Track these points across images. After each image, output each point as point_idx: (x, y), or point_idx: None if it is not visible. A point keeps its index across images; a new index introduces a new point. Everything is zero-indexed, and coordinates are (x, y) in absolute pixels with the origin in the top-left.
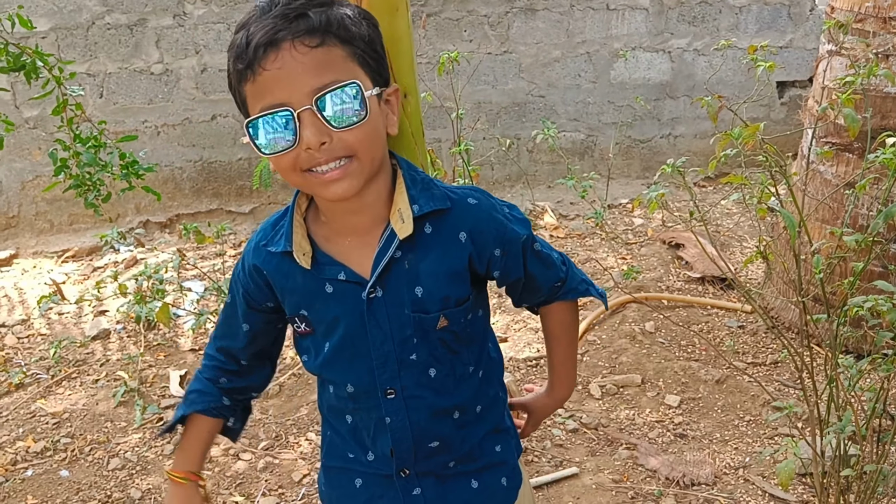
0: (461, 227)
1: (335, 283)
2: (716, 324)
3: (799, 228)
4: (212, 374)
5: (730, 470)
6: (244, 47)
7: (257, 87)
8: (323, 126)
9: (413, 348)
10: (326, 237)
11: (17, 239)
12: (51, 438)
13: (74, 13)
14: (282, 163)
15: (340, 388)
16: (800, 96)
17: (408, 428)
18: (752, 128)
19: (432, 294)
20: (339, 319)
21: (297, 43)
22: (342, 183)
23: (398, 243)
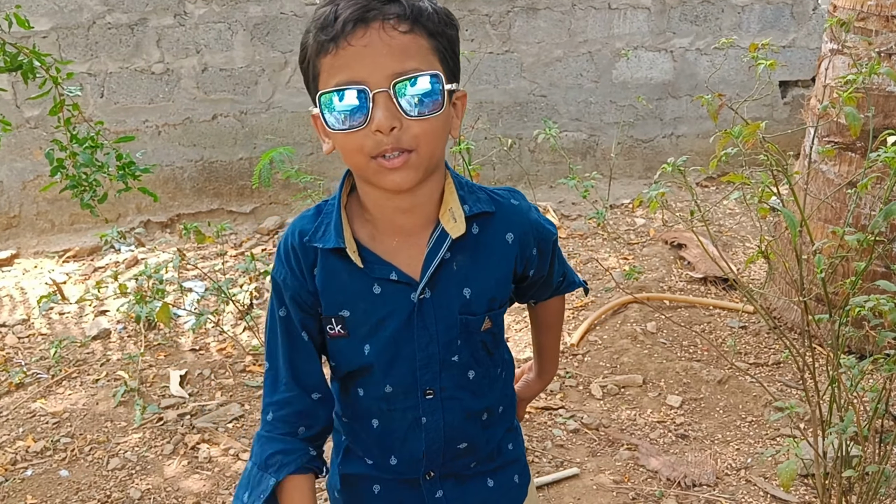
0: (507, 228)
1: (384, 283)
2: (718, 324)
3: (800, 228)
4: (286, 427)
5: (731, 471)
6: (332, 20)
7: (338, 60)
8: (396, 111)
9: (456, 350)
10: (371, 236)
11: (18, 239)
12: (51, 438)
13: (75, 12)
14: (348, 142)
15: (376, 390)
16: (803, 96)
17: (441, 429)
18: (752, 126)
19: (480, 296)
20: (386, 321)
21: (387, 25)
22: (401, 172)
23: (450, 243)
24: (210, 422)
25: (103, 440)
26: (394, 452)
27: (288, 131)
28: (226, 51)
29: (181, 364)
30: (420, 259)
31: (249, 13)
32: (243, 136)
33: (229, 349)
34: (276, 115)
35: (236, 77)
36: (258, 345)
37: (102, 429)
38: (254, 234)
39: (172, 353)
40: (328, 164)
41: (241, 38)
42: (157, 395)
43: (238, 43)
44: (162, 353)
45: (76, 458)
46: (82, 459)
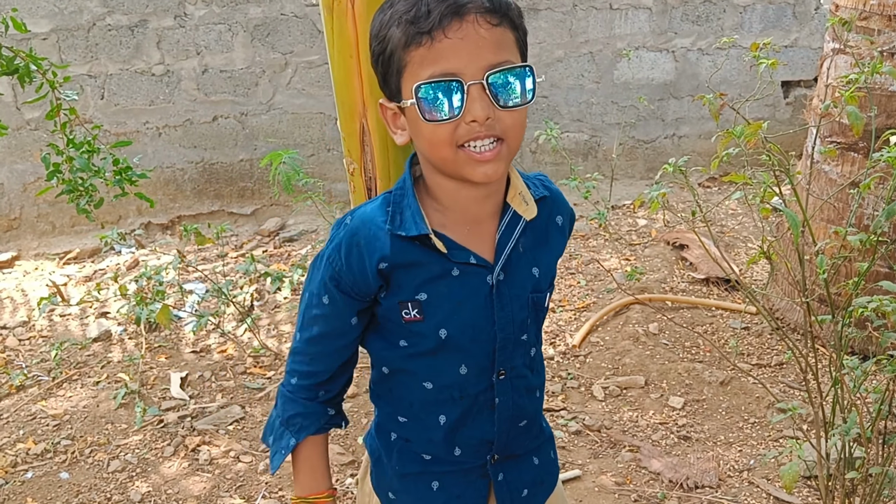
0: (558, 211)
1: (463, 267)
2: (720, 325)
3: (803, 228)
4: (308, 393)
5: (734, 472)
6: (425, 13)
7: (432, 53)
8: (490, 102)
9: (526, 328)
10: (443, 224)
11: (18, 241)
12: (51, 440)
13: (75, 14)
14: (438, 133)
15: (448, 377)
16: (805, 96)
17: (510, 408)
18: (754, 126)
19: (546, 274)
20: (464, 304)
21: (480, 18)
22: (492, 164)
23: (524, 225)
24: (211, 424)
25: (104, 442)
26: (459, 443)
27: (288, 133)
28: (226, 52)
29: (182, 366)
30: (490, 243)
31: (250, 14)
32: (244, 138)
33: (230, 351)
34: (277, 117)
35: (237, 78)
36: (258, 346)
37: (103, 431)
38: (254, 235)
39: (173, 355)
40: (329, 165)
41: (242, 39)
42: (157, 397)
43: (238, 44)
44: (163, 355)
45: (76, 461)
46: (83, 462)
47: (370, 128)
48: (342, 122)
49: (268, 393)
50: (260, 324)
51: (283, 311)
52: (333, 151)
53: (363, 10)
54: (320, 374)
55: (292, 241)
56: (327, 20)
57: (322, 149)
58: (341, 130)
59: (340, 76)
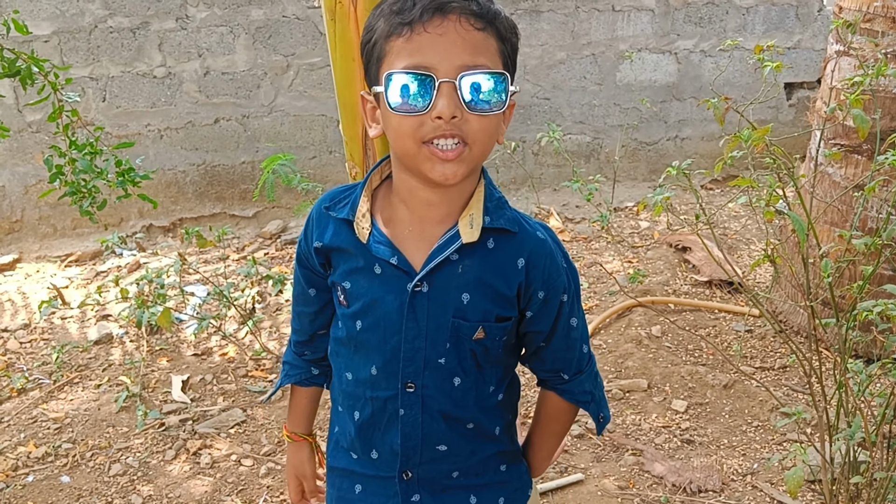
0: (521, 253)
1: (385, 265)
2: (723, 328)
3: (808, 231)
4: (296, 347)
5: (737, 476)
6: (410, 5)
7: (410, 45)
8: (459, 102)
9: (444, 352)
10: (388, 219)
11: (20, 243)
12: (52, 444)
13: (77, 16)
14: (404, 125)
15: (363, 372)
16: (808, 98)
17: (419, 425)
18: (761, 130)
19: (477, 304)
20: (378, 303)
21: (463, 19)
22: (452, 165)
23: (459, 246)
24: (212, 427)
25: (105, 446)
26: (374, 445)
27: (290, 135)
28: (228, 54)
29: (183, 369)
30: (426, 251)
31: (251, 17)
32: (245, 140)
33: (231, 354)
34: (279, 119)
35: (238, 81)
36: (260, 349)
37: (104, 434)
38: (256, 237)
39: (175, 358)
40: (331, 167)
41: (243, 41)
42: (159, 400)
43: (240, 46)
44: (164, 358)
45: (77, 464)
46: (84, 465)
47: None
48: (344, 126)
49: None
50: (261, 326)
51: (284, 313)
52: (335, 154)
53: (365, 14)
54: (300, 332)
55: (294, 243)
56: (329, 24)
57: (324, 151)
58: (343, 134)
59: (343, 79)
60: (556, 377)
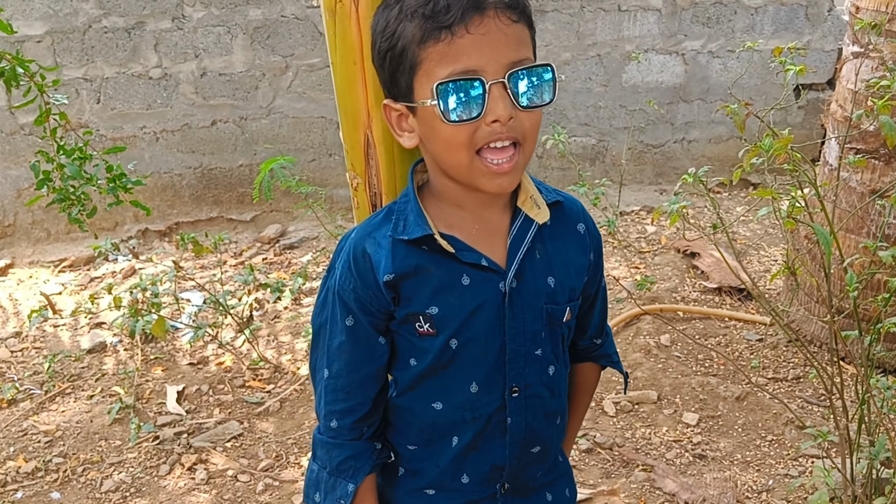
0: (577, 219)
1: (472, 272)
2: (734, 336)
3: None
4: (353, 434)
5: (752, 494)
6: (444, 7)
7: (452, 49)
8: (511, 101)
9: (540, 342)
10: (450, 225)
11: (12, 248)
12: (42, 458)
13: (70, 16)
14: (459, 135)
15: (459, 395)
16: (818, 99)
17: (523, 431)
18: (783, 140)
19: (563, 284)
20: (477, 313)
21: (501, 13)
22: (508, 177)
23: (536, 229)
24: (208, 441)
25: (97, 460)
26: (467, 470)
27: (289, 137)
28: (225, 55)
29: (178, 379)
30: (502, 248)
31: (249, 17)
32: (243, 143)
33: (228, 363)
34: (277, 121)
35: (236, 82)
36: (257, 358)
37: (96, 448)
38: (254, 242)
39: (170, 367)
40: (330, 170)
41: (241, 42)
42: (153, 411)
43: (238, 47)
44: (159, 367)
45: (68, 480)
46: (75, 481)
47: (375, 140)
48: (345, 134)
49: (267, 408)
50: (259, 334)
51: (282, 321)
52: (335, 156)
53: (368, 13)
54: (360, 407)
55: (293, 248)
56: (329, 24)
57: (323, 154)
58: (344, 142)
59: (343, 83)
60: (592, 345)
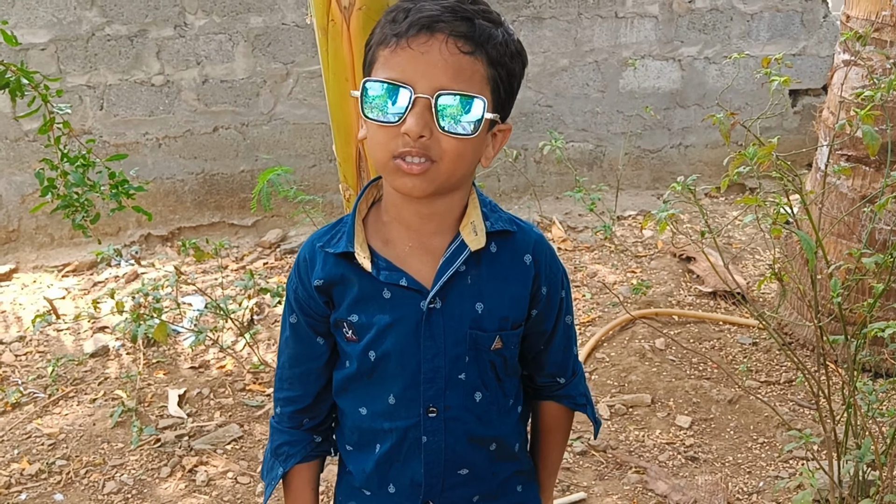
0: (526, 250)
1: (394, 288)
2: (728, 340)
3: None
4: (291, 422)
5: (743, 495)
6: (402, 18)
7: (394, 56)
8: (430, 121)
9: (464, 367)
10: (386, 241)
11: (17, 253)
12: (46, 460)
13: (74, 24)
14: (377, 135)
15: (379, 403)
16: (813, 105)
17: (442, 451)
18: (767, 148)
19: (492, 312)
20: (393, 326)
21: (450, 40)
22: (415, 179)
23: (467, 255)
24: (209, 443)
25: (99, 462)
26: (392, 479)
27: (290, 143)
28: (226, 62)
29: (180, 382)
30: (433, 267)
31: (250, 24)
32: (245, 149)
33: (229, 367)
34: (278, 127)
35: (237, 89)
36: (258, 362)
37: (99, 450)
38: (255, 247)
39: (171, 371)
40: (331, 176)
41: (242, 49)
42: (154, 415)
43: (239, 54)
44: (161, 371)
45: (71, 482)
46: (78, 483)
47: (367, 153)
48: (338, 147)
49: (267, 411)
50: (259, 338)
51: None
52: (335, 162)
53: (358, 32)
54: (301, 398)
55: (293, 252)
56: (322, 42)
57: (324, 159)
58: (337, 155)
59: (336, 99)
60: (553, 383)
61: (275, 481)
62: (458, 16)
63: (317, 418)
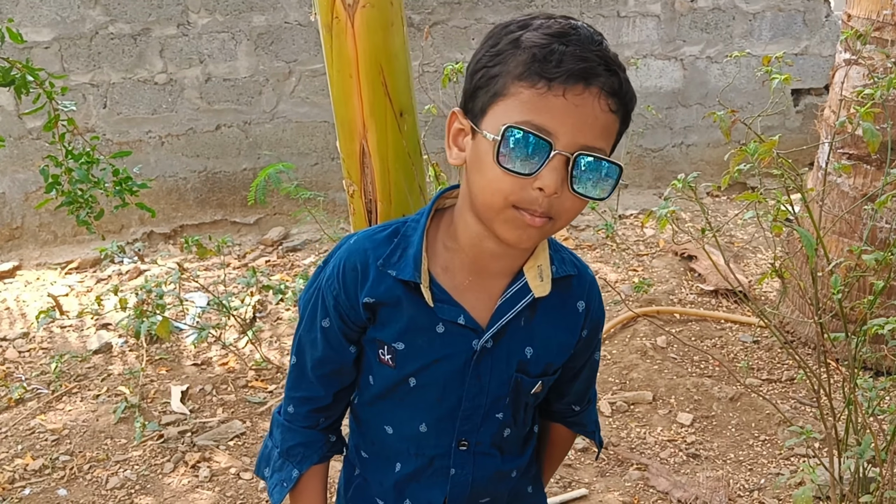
0: (581, 296)
1: (449, 324)
2: (729, 338)
3: (816, 246)
4: (307, 421)
5: (744, 492)
6: (557, 61)
7: (541, 102)
8: (565, 178)
9: (503, 408)
10: (445, 268)
11: (20, 250)
12: (49, 456)
13: (77, 23)
14: (503, 183)
15: (408, 428)
16: (815, 104)
17: (469, 484)
18: (767, 144)
19: (539, 358)
20: (441, 362)
21: (604, 97)
22: (530, 231)
23: (530, 300)
24: (211, 439)
25: (103, 458)
26: (410, 496)
27: (292, 141)
28: (229, 61)
29: (183, 379)
30: (489, 304)
31: (253, 23)
32: (247, 147)
33: (232, 364)
34: (280, 126)
35: (240, 87)
36: (260, 359)
37: (102, 446)
38: (257, 245)
39: (174, 368)
40: (333, 174)
41: (245, 47)
42: (157, 411)
43: (242, 53)
44: (163, 368)
45: (75, 477)
46: (81, 478)
47: (371, 149)
48: (341, 143)
49: (269, 407)
50: (262, 335)
51: (285, 322)
52: (337, 160)
53: (363, 29)
54: (319, 399)
55: (296, 250)
56: (326, 39)
57: (326, 157)
58: (340, 151)
59: (340, 96)
60: (568, 410)
61: (289, 483)
62: (610, 68)
63: (332, 417)
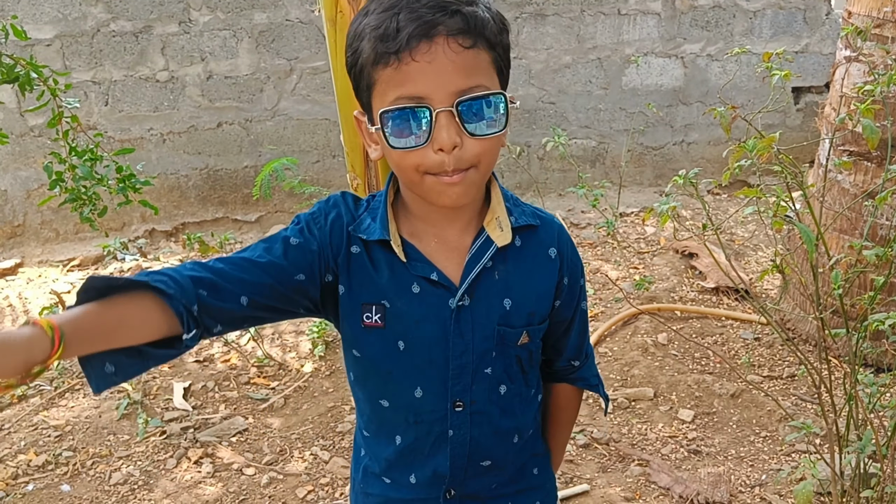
0: (551, 243)
1: (423, 283)
2: (730, 335)
3: (816, 242)
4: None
5: (745, 488)
6: (394, 32)
7: (399, 74)
8: (459, 129)
9: (490, 362)
10: (412, 234)
11: (22, 248)
12: (52, 452)
13: (79, 20)
14: (406, 160)
15: (404, 397)
16: (816, 102)
17: (467, 444)
18: (767, 139)
19: (520, 308)
20: (421, 323)
21: (451, 40)
22: (458, 188)
23: (494, 251)
24: (213, 435)
25: (106, 454)
26: (415, 470)
27: (293, 139)
28: (231, 58)
29: (185, 376)
30: (459, 264)
31: (254, 20)
32: (248, 144)
33: (234, 361)
34: (282, 123)
35: (241, 85)
36: (262, 356)
37: (105, 442)
38: None
39: (176, 365)
40: (334, 171)
41: (247, 45)
42: (160, 407)
43: (243, 50)
44: (165, 365)
45: (78, 473)
46: (84, 474)
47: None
48: (346, 137)
49: (271, 404)
50: (264, 332)
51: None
52: (339, 158)
53: None
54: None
55: None
56: (330, 33)
57: (327, 155)
58: (345, 145)
59: (344, 90)
60: (569, 367)
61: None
62: (448, 12)
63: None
